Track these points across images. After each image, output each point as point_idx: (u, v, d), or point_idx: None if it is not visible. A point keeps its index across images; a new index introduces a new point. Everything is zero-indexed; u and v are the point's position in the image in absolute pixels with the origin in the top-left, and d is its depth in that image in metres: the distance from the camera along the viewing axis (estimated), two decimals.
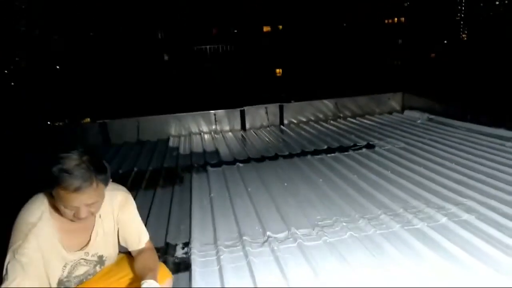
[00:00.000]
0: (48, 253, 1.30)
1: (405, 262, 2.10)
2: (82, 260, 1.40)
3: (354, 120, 5.97)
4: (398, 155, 3.98)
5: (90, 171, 1.22)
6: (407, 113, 6.09)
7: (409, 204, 2.81)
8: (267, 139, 5.17)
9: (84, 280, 1.45)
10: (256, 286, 1.97)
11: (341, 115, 6.18)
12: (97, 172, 1.25)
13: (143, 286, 1.31)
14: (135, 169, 4.14)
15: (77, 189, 1.19)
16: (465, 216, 2.54)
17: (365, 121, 5.89)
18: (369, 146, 4.40)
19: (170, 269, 1.61)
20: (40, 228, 1.28)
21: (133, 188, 3.50)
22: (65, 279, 1.38)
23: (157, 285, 1.34)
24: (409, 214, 2.63)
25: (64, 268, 1.36)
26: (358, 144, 4.51)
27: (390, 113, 6.29)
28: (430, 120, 5.49)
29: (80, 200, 1.22)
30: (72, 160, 1.20)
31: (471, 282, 1.90)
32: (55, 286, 1.36)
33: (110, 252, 1.52)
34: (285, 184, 3.41)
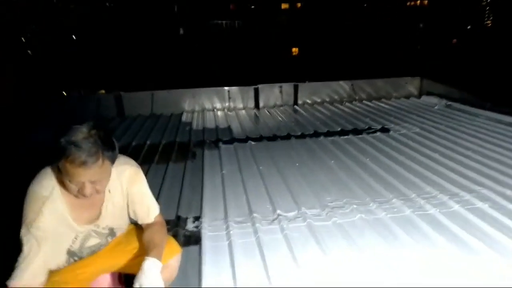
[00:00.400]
0: (60, 226, 1.31)
1: (414, 246, 2.10)
2: (93, 232, 1.41)
3: (369, 103, 5.87)
4: (413, 140, 3.92)
5: (97, 146, 1.19)
6: (424, 98, 5.97)
7: (422, 190, 2.78)
8: (280, 118, 5.14)
9: (97, 251, 1.48)
10: (265, 262, 1.99)
11: (357, 97, 6.09)
12: (105, 148, 1.22)
13: (144, 264, 1.31)
14: (148, 142, 4.17)
15: (82, 163, 1.16)
16: (479, 204, 2.51)
17: (381, 104, 5.79)
18: (384, 130, 4.34)
19: (181, 242, 1.64)
20: (52, 201, 1.28)
21: (146, 162, 3.53)
22: (77, 251, 1.40)
23: (158, 264, 1.33)
24: (421, 199, 2.60)
25: (75, 239, 1.37)
26: (372, 127, 4.46)
27: (407, 97, 6.16)
28: (448, 106, 5.37)
29: (85, 175, 1.20)
30: (81, 133, 1.18)
31: (481, 269, 1.88)
32: (68, 257, 1.38)
33: (121, 224, 1.53)
34: (297, 164, 3.40)
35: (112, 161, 1.28)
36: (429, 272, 1.88)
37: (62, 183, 1.30)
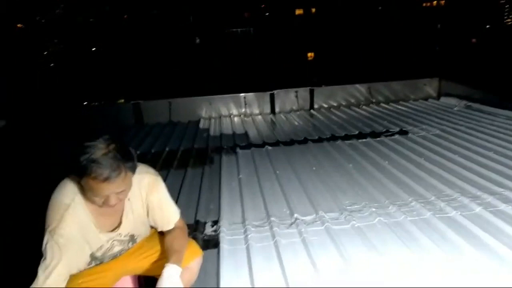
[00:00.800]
0: (83, 234, 1.34)
1: (434, 249, 2.06)
2: (115, 242, 1.44)
3: (387, 106, 5.82)
4: (432, 142, 3.86)
5: (118, 160, 1.21)
6: (443, 99, 5.87)
7: (442, 192, 2.73)
8: (296, 123, 5.14)
9: (118, 256, 1.51)
10: (283, 266, 1.99)
11: (374, 100, 6.03)
12: (125, 160, 1.23)
13: (165, 271, 1.33)
14: (167, 149, 4.24)
15: (106, 179, 1.19)
16: (502, 206, 2.45)
17: (399, 107, 5.72)
18: (402, 132, 4.28)
19: (199, 246, 1.65)
20: (74, 209, 1.31)
21: (165, 168, 3.59)
22: (100, 257, 1.44)
23: (178, 270, 1.34)
24: (441, 202, 2.56)
25: (100, 249, 1.40)
26: (390, 130, 4.41)
27: (426, 99, 6.07)
28: (468, 107, 5.27)
29: (109, 189, 1.22)
30: (99, 149, 1.19)
31: (505, 272, 1.84)
32: (89, 261, 1.41)
33: (141, 231, 1.56)
34: (314, 168, 3.39)
35: (133, 171, 1.30)
36: (450, 276, 1.85)
37: (83, 191, 1.33)
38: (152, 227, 1.64)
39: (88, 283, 1.41)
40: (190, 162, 3.78)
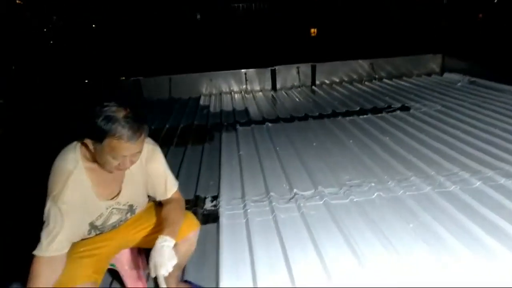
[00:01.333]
0: (83, 201, 1.35)
1: (431, 222, 2.07)
2: (114, 210, 1.45)
3: (390, 82, 5.74)
4: (434, 118, 3.82)
5: (138, 121, 1.25)
6: (447, 75, 5.79)
7: (443, 167, 2.72)
8: (297, 100, 5.10)
9: (117, 226, 1.53)
10: (282, 240, 2.01)
11: (377, 76, 5.95)
12: (142, 122, 1.27)
13: (157, 242, 1.35)
14: (167, 125, 4.23)
15: (130, 139, 1.22)
16: (502, 180, 2.44)
17: (402, 82, 5.65)
18: (404, 108, 4.24)
19: (199, 221, 1.66)
20: (77, 175, 1.32)
21: (165, 145, 3.58)
22: (100, 226, 1.45)
23: (171, 242, 1.36)
24: (441, 177, 2.55)
25: (99, 217, 1.42)
26: (392, 106, 4.36)
27: (429, 75, 5.99)
28: (472, 83, 5.19)
29: (130, 150, 1.26)
30: (119, 112, 1.22)
31: (504, 246, 1.84)
32: (90, 231, 1.43)
33: (140, 202, 1.57)
34: (314, 144, 3.38)
35: (147, 134, 1.34)
36: (446, 250, 1.86)
37: (85, 158, 1.33)
38: (150, 199, 1.65)
39: (90, 251, 1.43)
40: (190, 139, 3.77)
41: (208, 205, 2.46)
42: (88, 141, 1.27)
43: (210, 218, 2.30)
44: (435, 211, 2.18)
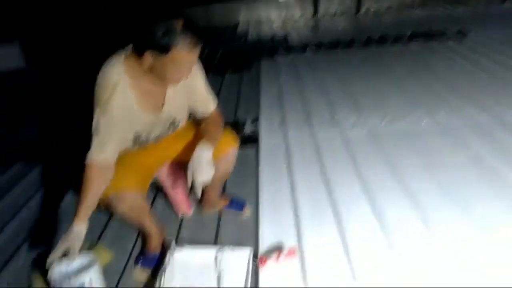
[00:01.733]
0: (128, 113, 1.35)
1: (482, 151, 1.95)
2: (157, 122, 1.46)
3: (445, 8, 5.23)
4: (491, 48, 3.47)
5: (195, 31, 1.22)
6: (508, 4, 5.19)
7: (500, 99, 2.50)
8: (341, 28, 4.79)
9: (160, 139, 1.54)
10: (322, 164, 1.97)
11: (430, 1, 5.43)
12: (197, 31, 1.24)
13: (196, 149, 1.36)
14: (205, 51, 4.13)
15: (195, 46, 1.21)
16: None
17: (458, 10, 5.13)
18: (459, 36, 3.87)
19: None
20: (122, 87, 1.31)
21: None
22: (143, 138, 1.46)
23: (209, 150, 1.36)
24: (500, 107, 2.36)
25: (143, 129, 1.43)
26: (447, 32, 3.99)
27: (489, 1, 5.39)
28: None
29: (193, 59, 1.26)
30: (178, 23, 1.19)
31: None
32: (134, 145, 1.45)
33: (181, 116, 1.57)
34: (358, 72, 3.20)
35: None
36: (500, 181, 1.76)
37: (130, 70, 1.31)
38: (189, 118, 1.64)
39: (134, 164, 1.47)
40: (228, 67, 3.68)
41: (248, 128, 2.44)
42: (147, 54, 1.23)
43: (250, 140, 2.29)
44: (487, 140, 2.04)
